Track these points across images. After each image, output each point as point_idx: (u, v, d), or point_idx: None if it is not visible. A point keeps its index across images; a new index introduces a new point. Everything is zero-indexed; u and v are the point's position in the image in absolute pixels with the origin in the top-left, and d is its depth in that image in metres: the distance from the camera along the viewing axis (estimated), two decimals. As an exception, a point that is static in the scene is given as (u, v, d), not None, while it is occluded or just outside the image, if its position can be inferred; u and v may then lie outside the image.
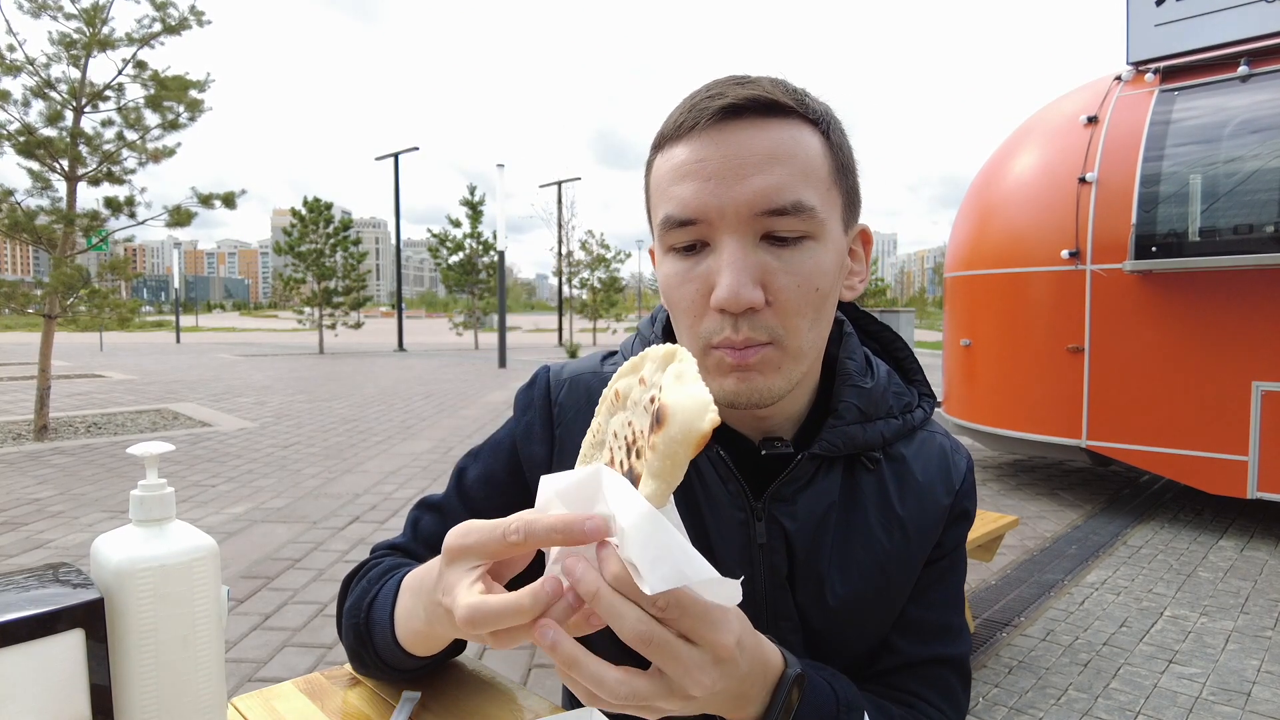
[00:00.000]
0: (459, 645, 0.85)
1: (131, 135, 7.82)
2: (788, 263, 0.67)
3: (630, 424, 0.50)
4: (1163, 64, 5.05)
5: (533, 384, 0.89)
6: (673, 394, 0.46)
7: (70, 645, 0.56)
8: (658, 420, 0.46)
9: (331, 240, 23.47)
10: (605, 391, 0.54)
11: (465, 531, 0.53)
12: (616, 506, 0.45)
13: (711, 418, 0.45)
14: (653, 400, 0.47)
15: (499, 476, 0.86)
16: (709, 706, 0.54)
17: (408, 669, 0.79)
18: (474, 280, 26.77)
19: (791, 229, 0.67)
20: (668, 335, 0.85)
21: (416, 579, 0.69)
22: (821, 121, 0.70)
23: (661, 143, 0.72)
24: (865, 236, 0.78)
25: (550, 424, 0.85)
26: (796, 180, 0.66)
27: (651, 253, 0.81)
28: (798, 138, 0.67)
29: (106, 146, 7.74)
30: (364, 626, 0.79)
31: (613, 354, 0.92)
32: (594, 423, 0.54)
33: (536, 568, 0.56)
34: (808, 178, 0.67)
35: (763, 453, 0.78)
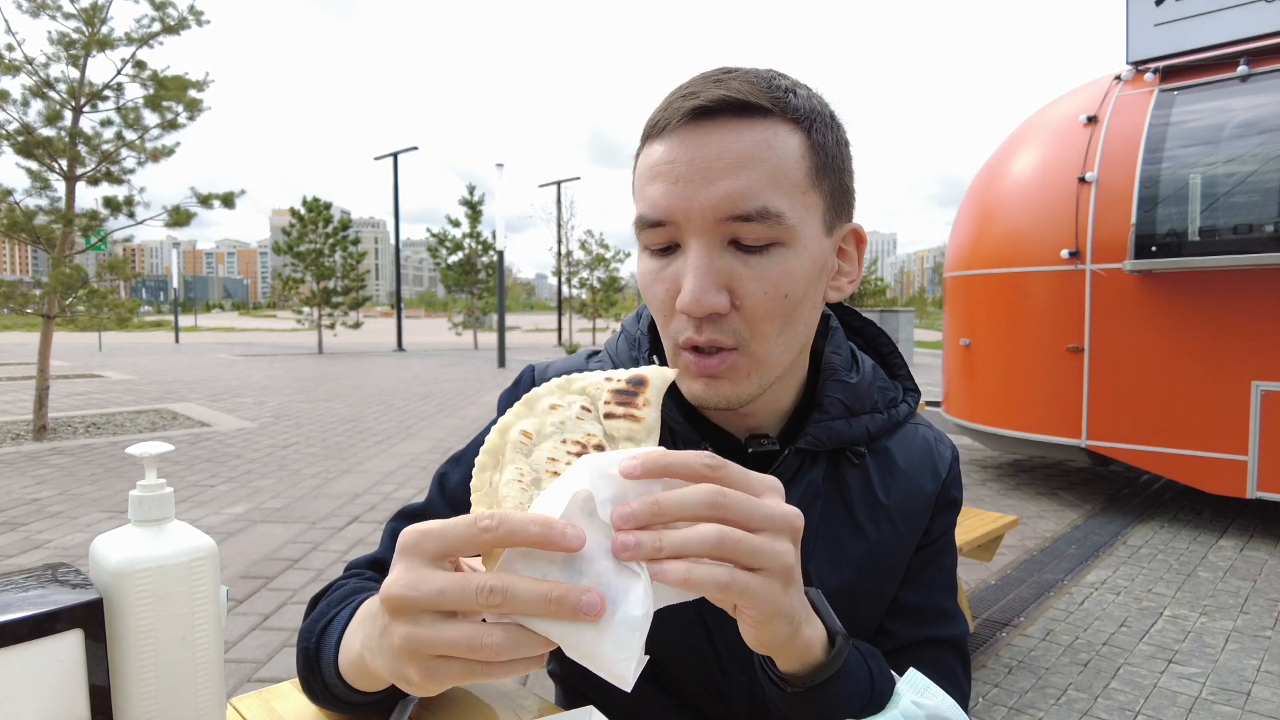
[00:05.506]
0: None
1: (130, 135, 7.83)
2: (755, 269, 0.66)
3: (567, 440, 0.51)
4: (1162, 64, 5.05)
5: (518, 384, 0.89)
6: (632, 370, 0.55)
7: (69, 646, 0.56)
8: (639, 384, 0.53)
9: (330, 240, 23.46)
10: (500, 442, 0.51)
11: (422, 528, 0.48)
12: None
13: (675, 371, 0.55)
14: (615, 390, 0.53)
15: None
16: (799, 602, 0.55)
17: (355, 703, 0.70)
18: (473, 280, 26.75)
19: (758, 236, 0.65)
20: (654, 332, 0.86)
21: (371, 609, 0.59)
22: (804, 120, 0.67)
23: (645, 138, 0.72)
24: (858, 236, 0.76)
25: None
26: (764, 185, 0.64)
27: None
28: (770, 140, 0.65)
29: (105, 146, 7.74)
30: (313, 652, 0.72)
31: (596, 353, 0.91)
32: (510, 470, 0.50)
33: None
34: (778, 182, 0.65)
35: (749, 451, 0.78)
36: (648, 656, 0.46)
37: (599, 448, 0.50)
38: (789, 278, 0.67)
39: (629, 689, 0.44)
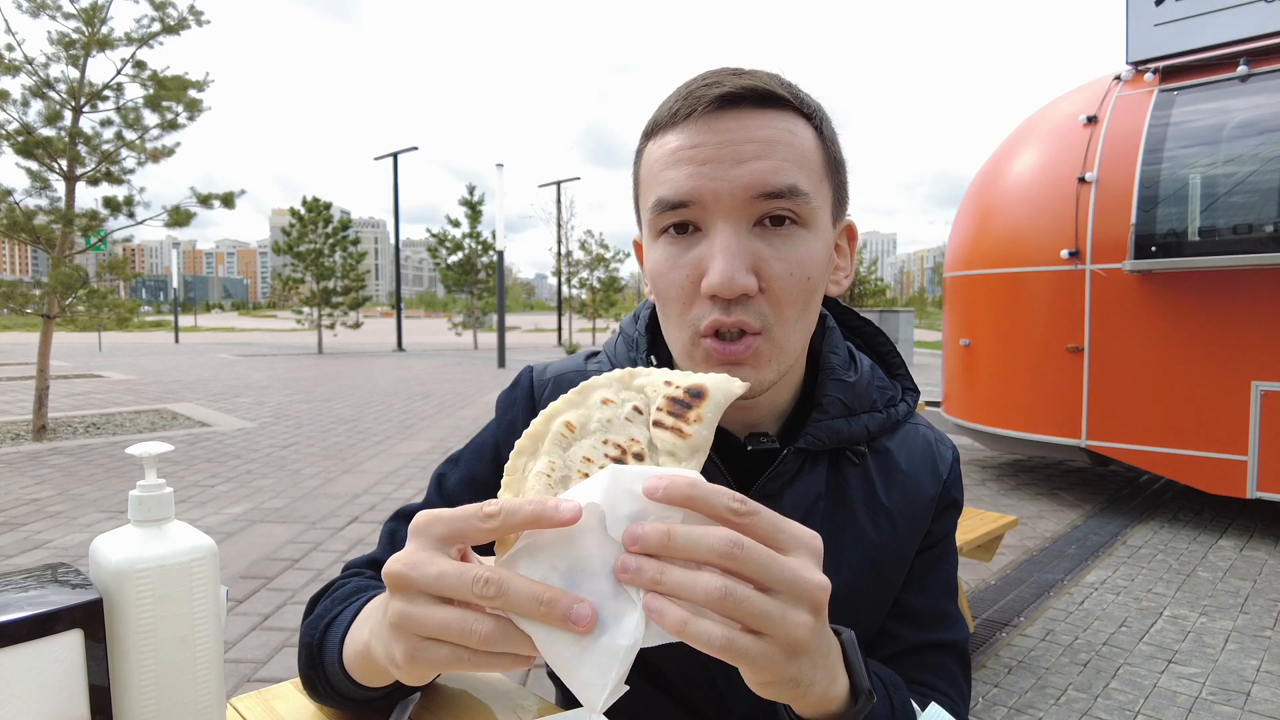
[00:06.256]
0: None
1: (130, 135, 7.82)
2: (779, 250, 0.67)
3: (608, 441, 0.49)
4: (1162, 64, 5.05)
5: (515, 385, 0.89)
6: (696, 377, 0.52)
7: (69, 646, 0.56)
8: (697, 396, 0.50)
9: (330, 240, 23.46)
10: (543, 429, 0.50)
11: (434, 512, 0.49)
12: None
13: (741, 382, 0.52)
14: (671, 397, 0.50)
15: (483, 478, 0.86)
16: (816, 660, 0.50)
17: (357, 699, 0.72)
18: (473, 280, 26.75)
19: (787, 211, 0.67)
20: (652, 332, 0.85)
21: (382, 599, 0.62)
22: (815, 116, 0.71)
23: (654, 130, 0.72)
24: (850, 232, 0.78)
25: None
26: (792, 166, 0.67)
27: (637, 245, 0.81)
28: (793, 128, 0.68)
29: (105, 146, 7.74)
30: (317, 647, 0.73)
31: (595, 354, 0.91)
32: (542, 461, 0.49)
33: None
34: (802, 166, 0.67)
35: (748, 449, 0.78)
36: (627, 687, 0.45)
37: (638, 456, 0.48)
38: (811, 259, 0.69)
39: (598, 716, 0.44)
